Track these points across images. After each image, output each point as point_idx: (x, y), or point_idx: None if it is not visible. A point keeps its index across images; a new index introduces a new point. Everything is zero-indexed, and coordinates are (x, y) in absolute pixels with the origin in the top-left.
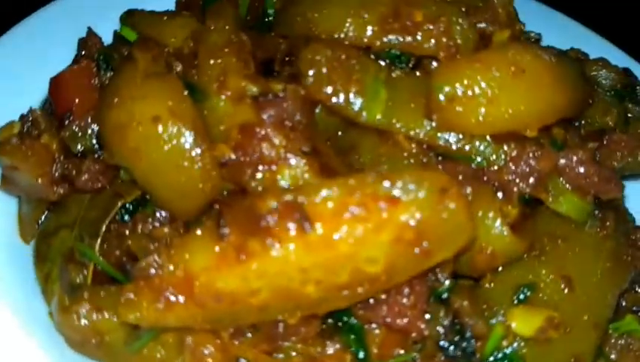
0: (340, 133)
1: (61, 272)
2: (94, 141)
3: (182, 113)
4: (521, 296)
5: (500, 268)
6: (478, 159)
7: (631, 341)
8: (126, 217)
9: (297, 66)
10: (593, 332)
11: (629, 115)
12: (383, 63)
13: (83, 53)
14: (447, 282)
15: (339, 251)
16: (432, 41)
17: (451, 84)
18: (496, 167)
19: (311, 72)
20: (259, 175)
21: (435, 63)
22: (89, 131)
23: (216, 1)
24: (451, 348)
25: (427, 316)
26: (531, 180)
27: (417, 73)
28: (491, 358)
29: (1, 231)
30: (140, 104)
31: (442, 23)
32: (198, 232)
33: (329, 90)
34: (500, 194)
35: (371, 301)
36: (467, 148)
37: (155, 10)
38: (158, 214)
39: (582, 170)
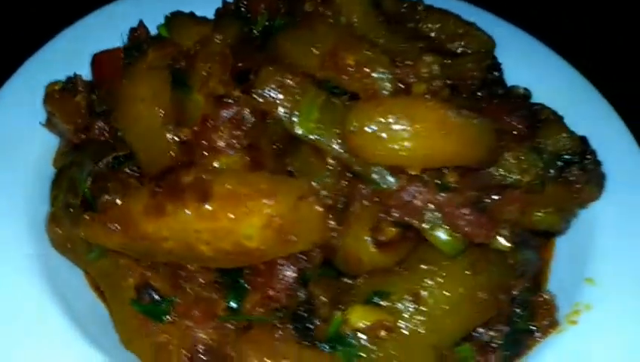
0: (285, 140)
1: (64, 196)
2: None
3: (161, 99)
4: (374, 299)
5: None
6: (375, 183)
7: None
8: (115, 166)
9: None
10: (430, 350)
11: (571, 179)
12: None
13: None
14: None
15: (221, 223)
16: (356, 82)
17: (356, 120)
18: (389, 192)
19: (261, 87)
20: (203, 156)
21: None
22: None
23: (226, 17)
24: (298, 321)
25: (290, 291)
26: (406, 210)
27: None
28: (332, 342)
29: (41, 159)
30: (137, 87)
31: (367, 70)
32: (143, 188)
33: (272, 104)
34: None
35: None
36: (369, 172)
37: (195, 15)
38: (136, 168)
39: (456, 212)
